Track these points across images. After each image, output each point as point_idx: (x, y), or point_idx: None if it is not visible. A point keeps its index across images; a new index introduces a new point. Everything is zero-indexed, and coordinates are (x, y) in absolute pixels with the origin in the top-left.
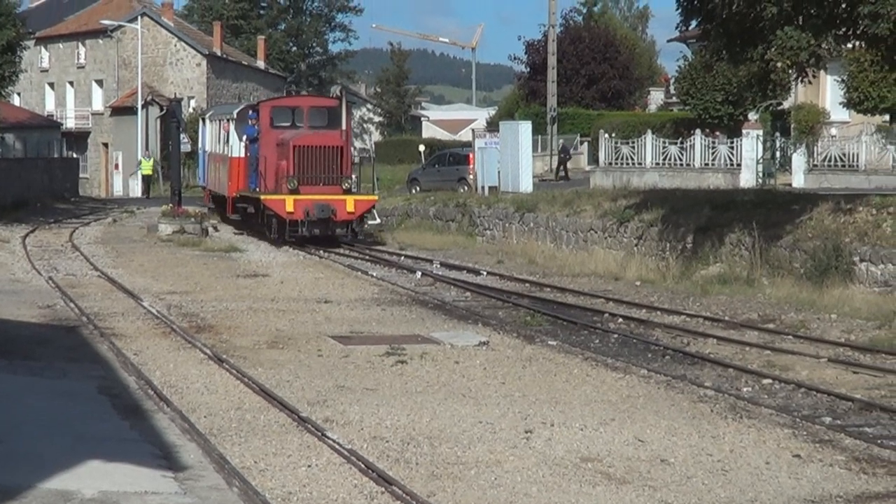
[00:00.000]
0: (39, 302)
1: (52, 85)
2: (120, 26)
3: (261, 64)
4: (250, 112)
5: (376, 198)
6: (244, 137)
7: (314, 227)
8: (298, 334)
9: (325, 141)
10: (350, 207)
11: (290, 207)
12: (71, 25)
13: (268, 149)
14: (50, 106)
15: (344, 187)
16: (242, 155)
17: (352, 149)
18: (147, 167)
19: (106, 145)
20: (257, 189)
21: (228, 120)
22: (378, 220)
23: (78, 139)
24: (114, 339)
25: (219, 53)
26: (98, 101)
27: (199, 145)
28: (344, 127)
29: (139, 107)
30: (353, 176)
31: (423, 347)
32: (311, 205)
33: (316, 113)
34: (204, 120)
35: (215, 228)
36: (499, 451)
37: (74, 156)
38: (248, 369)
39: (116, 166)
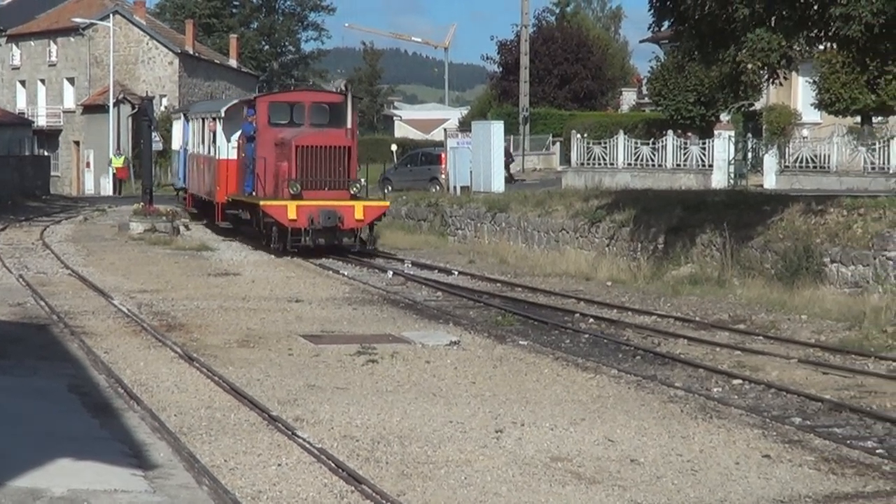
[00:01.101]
0: (10, 300)
1: (23, 83)
2: (92, 24)
3: (233, 63)
4: (246, 108)
5: (387, 204)
6: (238, 136)
7: (319, 237)
8: (269, 333)
9: (330, 140)
10: (359, 214)
11: (292, 214)
12: (42, 23)
13: (265, 149)
14: (21, 104)
15: (352, 192)
16: (234, 156)
17: None
18: (118, 162)
19: (77, 143)
20: (254, 193)
21: (215, 118)
22: None
23: (49, 137)
24: (84, 338)
25: (191, 52)
26: (70, 99)
27: (177, 144)
28: (349, 125)
29: (111, 105)
30: (363, 179)
31: (393, 347)
32: (316, 211)
33: (319, 109)
34: (186, 118)
35: (186, 227)
36: (469, 450)
37: (46, 154)
38: (218, 368)
39: (88, 164)
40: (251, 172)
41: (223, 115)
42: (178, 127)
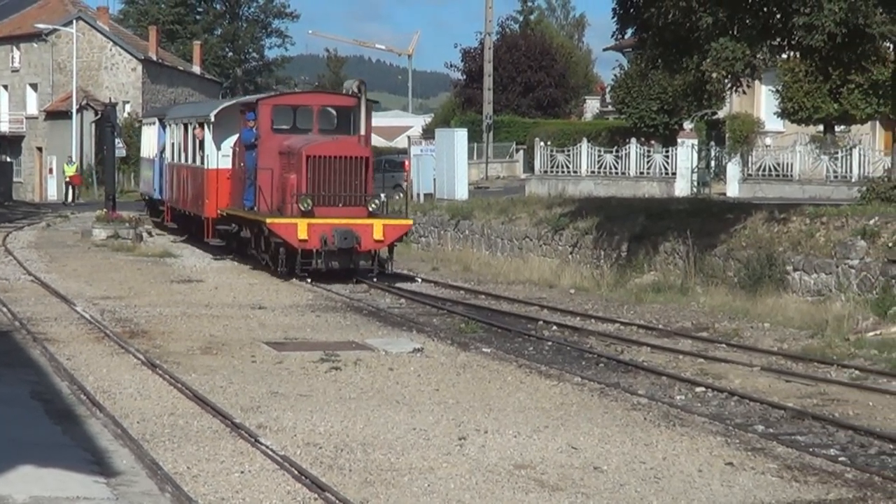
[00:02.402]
0: None
1: None
2: (55, 30)
3: (196, 69)
4: (245, 112)
5: (410, 222)
6: (233, 143)
7: (333, 259)
8: (232, 340)
9: (345, 150)
10: (378, 234)
11: (303, 234)
12: (5, 29)
13: (269, 158)
14: None
15: (370, 209)
16: (226, 166)
17: None
18: (70, 171)
19: (40, 149)
20: (255, 208)
21: (202, 123)
22: None
23: (12, 143)
24: (47, 344)
25: (154, 58)
26: (32, 105)
27: (149, 152)
28: (363, 132)
29: (74, 111)
30: (382, 195)
31: (357, 354)
32: (330, 231)
33: (329, 114)
34: (162, 123)
35: (149, 234)
36: (432, 457)
37: (8, 160)
38: (181, 375)
39: (51, 171)
40: (251, 185)
41: (213, 119)
42: (150, 133)
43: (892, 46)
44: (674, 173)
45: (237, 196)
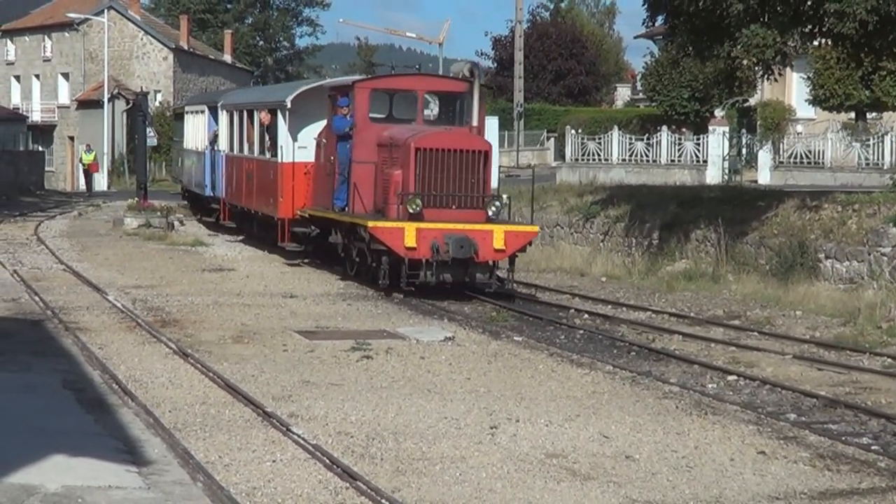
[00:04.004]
0: (4, 295)
1: (17, 78)
2: (86, 19)
3: (227, 58)
4: (339, 98)
5: (536, 229)
6: (320, 133)
7: (445, 272)
8: (264, 329)
9: (462, 143)
10: (498, 242)
11: (410, 241)
12: (37, 18)
13: (366, 151)
14: (16, 99)
15: (489, 212)
16: (304, 159)
17: None
18: (88, 159)
19: (72, 139)
20: (347, 209)
21: (272, 110)
22: None
23: (44, 132)
24: (78, 333)
25: (185, 47)
26: (64, 95)
27: (194, 142)
28: (476, 122)
29: (105, 100)
30: (505, 196)
31: (388, 342)
32: (442, 237)
33: (441, 100)
34: (213, 110)
35: (181, 222)
36: (464, 446)
37: (40, 149)
38: (213, 364)
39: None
40: (344, 182)
41: (289, 105)
42: (196, 122)
43: None
44: (705, 161)
45: (321, 194)
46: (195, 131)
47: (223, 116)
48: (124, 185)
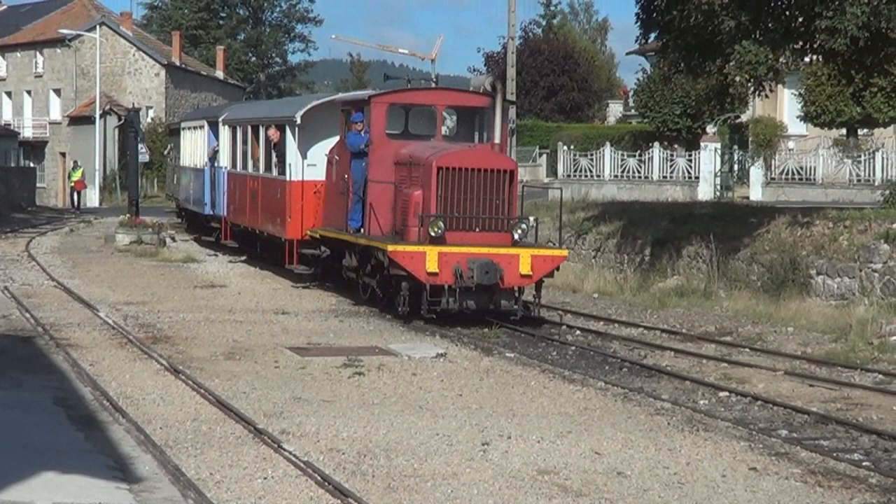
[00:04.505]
0: None
1: (9, 94)
2: (78, 35)
3: (220, 74)
4: (354, 113)
5: (566, 253)
6: (331, 150)
7: (469, 298)
8: (255, 345)
9: (487, 161)
10: (525, 267)
11: (432, 265)
12: (29, 34)
13: (382, 169)
14: (7, 115)
15: (515, 235)
16: (313, 178)
17: None
18: (76, 176)
19: (64, 155)
20: (362, 230)
21: (280, 125)
22: None
23: (35, 148)
24: (70, 350)
25: (178, 63)
26: (56, 111)
27: (194, 158)
28: (498, 139)
29: (97, 116)
30: (531, 218)
31: (380, 359)
32: (465, 262)
33: (459, 116)
34: (213, 125)
35: (173, 239)
36: (455, 463)
37: (31, 165)
38: (204, 380)
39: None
40: (359, 202)
41: (299, 121)
42: (193, 137)
43: None
44: (697, 177)
45: (333, 214)
46: (193, 147)
47: (225, 131)
48: (116, 202)
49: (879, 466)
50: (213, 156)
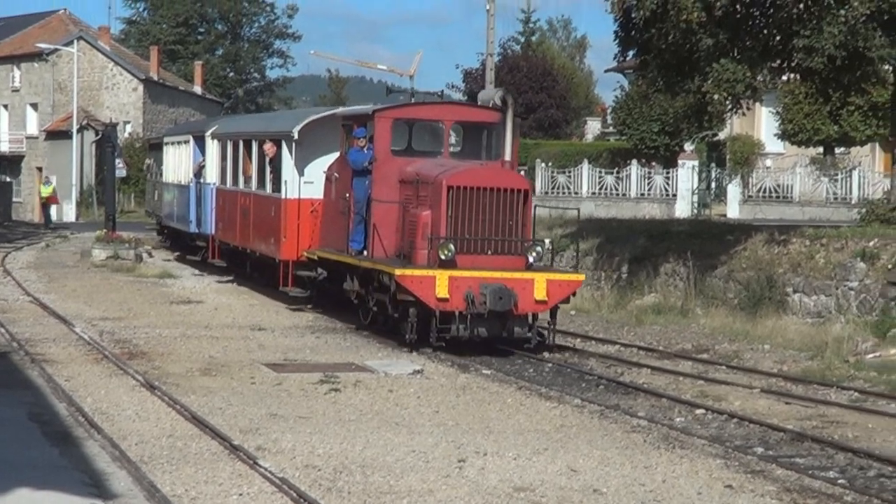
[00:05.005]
0: None
1: None
2: (56, 50)
3: (198, 89)
4: (356, 128)
5: (582, 277)
6: (330, 166)
7: (480, 325)
8: (232, 361)
9: (500, 180)
10: (540, 293)
11: (442, 291)
12: (5, 48)
13: (387, 188)
14: None
15: (529, 258)
16: (310, 195)
17: None
18: (47, 191)
19: (40, 169)
20: (365, 252)
21: (276, 140)
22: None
23: (11, 163)
24: (45, 365)
25: (155, 78)
26: (33, 125)
27: (178, 174)
28: (509, 156)
29: (74, 131)
30: (547, 241)
31: (356, 375)
32: (477, 287)
33: (465, 131)
34: (200, 140)
35: (149, 254)
36: (431, 480)
37: (8, 179)
38: (180, 396)
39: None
40: (362, 222)
41: (296, 136)
42: (177, 152)
43: (891, 69)
44: (674, 195)
45: (333, 235)
46: (177, 162)
47: (213, 146)
48: (92, 217)
49: (855, 484)
50: (199, 171)
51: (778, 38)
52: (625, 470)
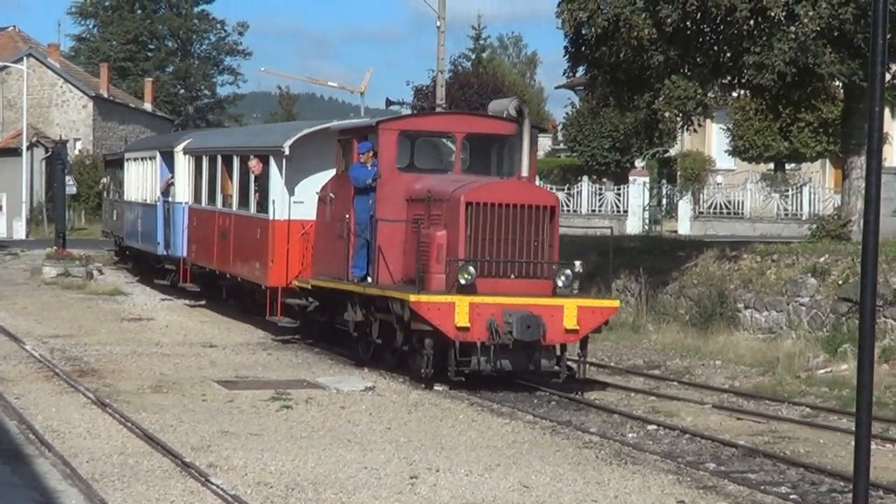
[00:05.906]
0: None
1: None
2: (5, 67)
3: (148, 106)
4: (359, 142)
5: (617, 304)
6: (325, 184)
7: (504, 357)
8: (183, 379)
9: (523, 196)
10: (570, 321)
11: (462, 319)
12: None
13: (393, 206)
14: None
15: (558, 283)
16: (301, 217)
17: None
18: None
19: None
20: (370, 278)
21: (266, 156)
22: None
23: None
24: None
25: (105, 95)
26: None
27: (141, 192)
28: (526, 171)
29: (24, 148)
30: (578, 263)
31: (308, 392)
32: (501, 315)
33: (475, 145)
34: (165, 154)
35: (100, 272)
36: (384, 497)
37: None
38: (131, 414)
39: (0, 208)
40: (365, 245)
41: (287, 152)
42: (140, 169)
43: (840, 85)
44: (625, 211)
45: (329, 260)
46: (141, 180)
47: (184, 162)
48: (43, 234)
49: (806, 499)
50: (168, 189)
51: (728, 54)
52: (577, 486)
